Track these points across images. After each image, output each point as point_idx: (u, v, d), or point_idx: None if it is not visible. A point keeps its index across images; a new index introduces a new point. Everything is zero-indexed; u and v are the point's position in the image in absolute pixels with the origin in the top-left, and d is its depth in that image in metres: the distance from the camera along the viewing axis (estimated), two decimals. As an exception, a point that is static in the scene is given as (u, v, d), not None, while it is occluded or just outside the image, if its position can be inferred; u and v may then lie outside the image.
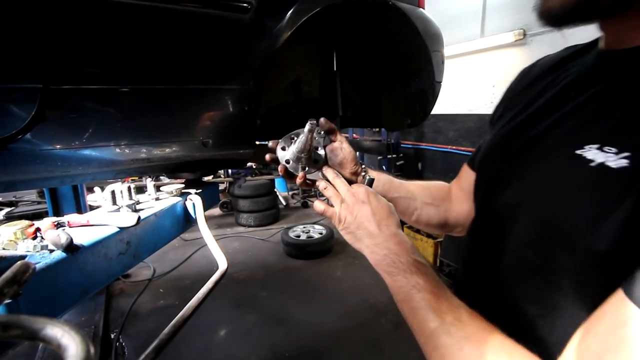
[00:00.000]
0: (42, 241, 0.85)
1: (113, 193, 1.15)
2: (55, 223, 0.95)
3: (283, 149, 0.70)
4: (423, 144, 4.57)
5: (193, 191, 1.45)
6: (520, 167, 0.51)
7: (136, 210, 1.19)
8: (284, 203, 5.57)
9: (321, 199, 0.65)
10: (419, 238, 3.43)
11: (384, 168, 4.53)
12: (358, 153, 5.16)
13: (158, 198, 1.35)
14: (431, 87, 1.65)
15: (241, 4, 1.06)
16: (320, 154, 0.69)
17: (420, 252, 0.56)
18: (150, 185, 1.35)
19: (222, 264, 1.18)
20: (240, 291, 3.09)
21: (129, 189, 1.20)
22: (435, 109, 1.74)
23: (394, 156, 4.46)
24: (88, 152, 0.97)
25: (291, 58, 1.60)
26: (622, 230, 0.34)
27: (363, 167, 0.70)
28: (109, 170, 1.07)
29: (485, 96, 3.44)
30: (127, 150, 1.02)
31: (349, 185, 0.63)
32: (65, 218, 1.00)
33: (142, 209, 1.22)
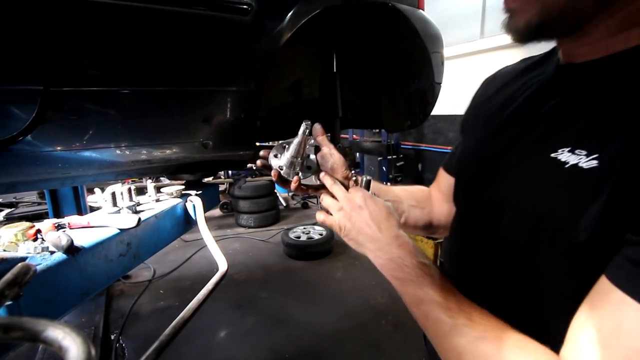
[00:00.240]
0: (43, 243, 0.85)
1: (113, 194, 1.15)
2: (55, 225, 0.95)
3: (276, 157, 0.70)
4: (423, 145, 4.57)
5: (193, 192, 1.45)
6: (500, 169, 0.55)
7: (136, 211, 1.19)
8: (284, 204, 5.57)
9: (322, 210, 0.66)
10: (419, 239, 3.43)
11: (384, 169, 4.54)
12: (358, 154, 5.17)
13: (158, 199, 1.36)
14: (431, 88, 1.65)
15: (241, 6, 1.06)
16: (312, 160, 0.70)
17: (423, 252, 0.56)
18: (150, 186, 1.35)
19: (222, 266, 1.18)
20: (240, 292, 3.09)
21: (130, 191, 1.20)
22: (435, 110, 1.75)
23: (394, 157, 4.46)
24: (88, 154, 0.97)
25: (291, 59, 1.60)
26: (598, 222, 0.38)
27: (353, 172, 0.71)
28: (110, 171, 1.07)
29: (485, 97, 3.43)
30: (128, 151, 1.02)
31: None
32: (65, 220, 1.01)
33: (143, 211, 1.22)
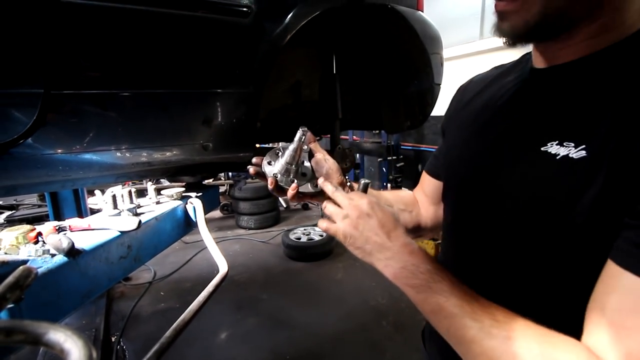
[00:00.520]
0: (44, 246, 0.85)
1: (114, 197, 1.15)
2: (56, 227, 0.95)
3: (269, 164, 0.68)
4: (423, 146, 4.57)
5: (193, 194, 1.45)
6: (491, 166, 0.57)
7: (137, 214, 1.20)
8: (285, 205, 5.57)
9: (324, 218, 0.64)
10: (419, 240, 3.43)
11: (384, 170, 4.53)
12: (358, 155, 5.17)
13: (159, 202, 1.36)
14: (430, 90, 1.66)
15: (241, 9, 1.07)
16: (307, 167, 0.68)
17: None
18: (150, 189, 1.35)
19: (223, 268, 1.19)
20: (240, 294, 3.09)
21: (130, 193, 1.20)
22: (435, 111, 1.75)
23: (394, 158, 4.45)
24: (89, 156, 0.98)
25: (291, 61, 1.61)
26: (595, 206, 0.42)
27: (347, 178, 0.70)
28: (110, 174, 1.08)
29: (484, 98, 3.43)
30: (128, 154, 1.03)
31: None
32: (66, 222, 1.01)
33: (143, 213, 1.22)
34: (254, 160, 0.69)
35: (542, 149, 0.48)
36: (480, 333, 0.45)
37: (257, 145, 1.55)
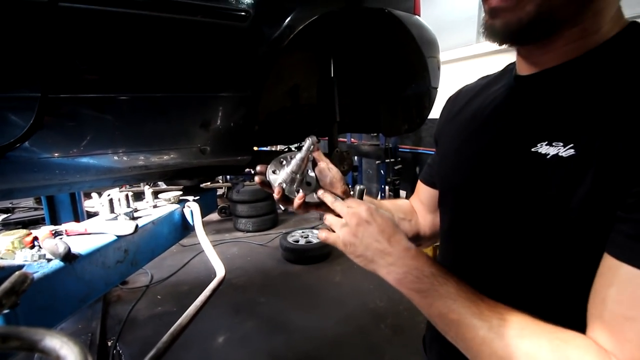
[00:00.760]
0: (40, 250, 0.85)
1: (111, 201, 1.15)
2: (53, 232, 0.95)
3: (274, 173, 0.67)
4: (421, 148, 4.59)
5: (191, 198, 1.45)
6: (484, 170, 0.58)
7: (134, 218, 1.19)
8: (282, 208, 5.57)
9: (324, 227, 0.63)
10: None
11: (382, 172, 4.54)
12: (356, 158, 5.18)
13: (156, 205, 1.36)
14: (427, 93, 1.66)
15: (239, 13, 1.07)
16: (311, 176, 0.67)
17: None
18: (148, 192, 1.35)
19: (220, 272, 1.18)
20: (238, 297, 3.08)
21: (127, 197, 1.20)
22: (432, 114, 1.75)
23: (392, 160, 4.47)
24: (86, 160, 0.97)
25: (289, 65, 1.61)
26: (587, 201, 0.43)
27: (350, 186, 0.70)
28: (107, 177, 1.07)
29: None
30: (125, 157, 1.02)
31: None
32: (62, 227, 1.01)
33: (140, 217, 1.22)
34: (259, 168, 0.68)
35: (533, 150, 0.50)
36: (489, 333, 0.45)
37: (255, 148, 1.55)
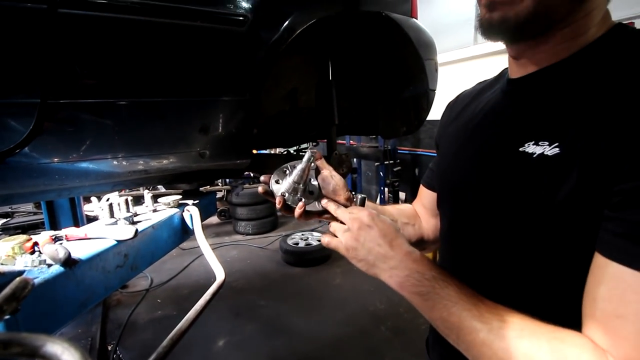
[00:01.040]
0: (40, 256, 0.85)
1: (110, 206, 1.15)
2: (53, 237, 0.95)
3: (277, 182, 0.68)
4: (420, 150, 4.60)
5: (190, 202, 1.45)
6: (477, 172, 0.60)
7: (133, 222, 1.19)
8: (282, 211, 5.56)
9: (328, 234, 0.64)
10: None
11: (382, 174, 4.55)
12: (355, 160, 5.18)
13: (155, 209, 1.36)
14: (425, 95, 1.67)
15: (237, 18, 1.08)
16: (314, 185, 0.68)
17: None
18: (147, 196, 1.35)
19: (220, 275, 1.18)
20: (238, 300, 3.07)
21: (127, 201, 1.20)
22: (431, 115, 1.76)
23: (391, 162, 4.47)
24: (85, 165, 0.97)
25: (287, 68, 1.62)
26: (572, 198, 0.45)
27: (354, 193, 0.71)
28: (107, 182, 1.07)
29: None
30: (125, 162, 1.02)
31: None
32: (62, 232, 1.01)
33: (140, 221, 1.22)
34: (262, 178, 0.70)
35: (520, 150, 0.51)
36: (489, 335, 0.45)
37: (254, 151, 1.55)
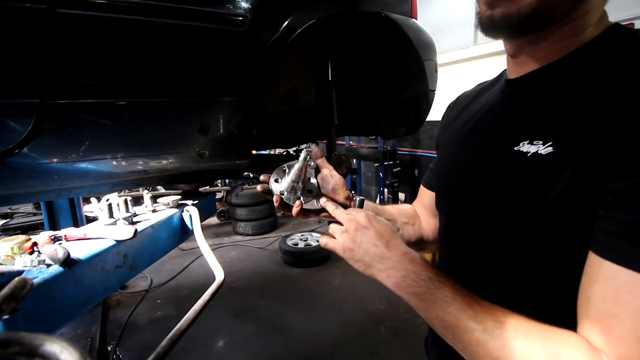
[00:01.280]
0: (40, 256, 0.85)
1: (110, 206, 1.15)
2: (52, 237, 0.95)
3: (276, 182, 0.69)
4: (419, 151, 4.60)
5: (190, 202, 1.45)
6: (474, 170, 0.62)
7: (133, 222, 1.19)
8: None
9: (326, 235, 0.65)
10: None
11: (381, 175, 4.55)
12: (355, 160, 5.18)
13: (155, 210, 1.36)
14: (425, 96, 1.67)
15: (236, 18, 1.08)
16: (313, 184, 0.69)
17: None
18: (147, 197, 1.35)
19: (219, 276, 1.18)
20: (238, 301, 3.07)
21: (126, 202, 1.20)
22: (430, 116, 1.76)
23: (391, 163, 4.47)
24: (85, 165, 0.97)
25: (287, 69, 1.62)
26: (565, 196, 0.45)
27: (353, 193, 0.72)
28: (106, 182, 1.07)
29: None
30: (124, 162, 1.02)
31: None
32: (62, 232, 1.01)
33: (139, 221, 1.22)
34: (262, 177, 0.71)
35: (515, 149, 0.52)
36: (484, 335, 0.46)
37: (254, 152, 1.55)
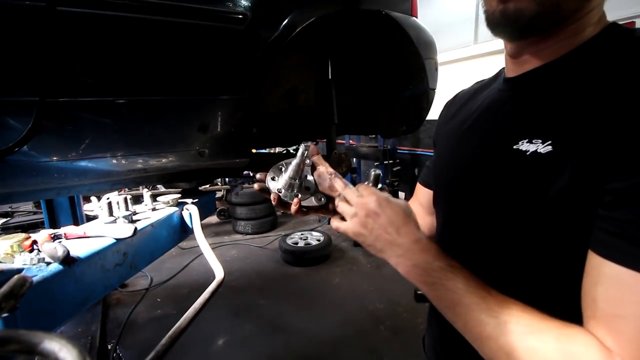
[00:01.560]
0: (39, 254, 0.85)
1: (110, 204, 1.15)
2: (52, 235, 0.95)
3: (273, 179, 0.68)
4: (419, 150, 4.60)
5: (189, 201, 1.45)
6: (472, 168, 0.61)
7: (133, 221, 1.19)
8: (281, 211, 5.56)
9: (337, 216, 0.64)
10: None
11: (381, 174, 4.55)
12: (355, 159, 5.18)
13: (155, 208, 1.36)
14: (425, 94, 1.67)
15: (236, 16, 1.07)
16: (310, 181, 0.68)
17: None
18: (146, 195, 1.35)
19: (219, 274, 1.18)
20: (237, 299, 3.07)
21: (126, 200, 1.20)
22: (430, 115, 1.76)
23: (391, 162, 4.48)
24: (84, 164, 0.97)
25: (286, 67, 1.61)
26: (564, 195, 0.45)
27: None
28: (106, 181, 1.07)
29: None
30: (124, 161, 1.02)
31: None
32: (62, 230, 1.01)
33: (139, 220, 1.22)
34: (258, 176, 0.70)
35: (514, 147, 0.52)
36: (496, 329, 0.45)
37: (254, 150, 1.55)
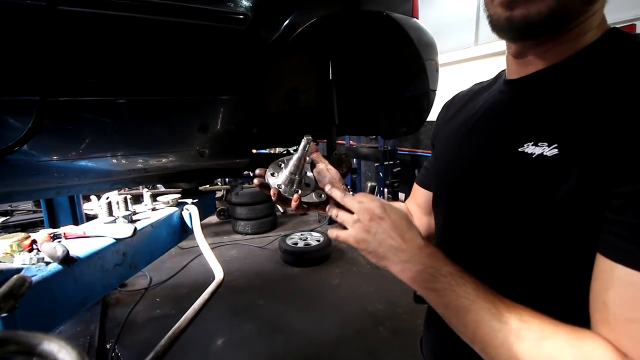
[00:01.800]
0: (39, 253, 0.85)
1: (109, 204, 1.15)
2: (51, 235, 0.95)
3: (273, 175, 0.67)
4: (419, 151, 4.60)
5: (189, 201, 1.45)
6: (474, 169, 0.61)
7: (132, 221, 1.19)
8: (282, 210, 5.56)
9: (335, 225, 0.62)
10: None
11: (381, 175, 4.55)
12: (355, 160, 5.18)
13: (154, 208, 1.36)
14: (426, 95, 1.67)
15: (237, 16, 1.07)
16: (310, 177, 0.68)
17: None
18: (146, 195, 1.35)
19: (218, 275, 1.18)
20: (237, 300, 3.07)
21: (125, 200, 1.20)
22: (431, 116, 1.76)
23: (391, 163, 4.48)
24: (85, 163, 0.97)
25: (287, 68, 1.61)
26: (571, 198, 0.45)
27: (349, 187, 0.70)
28: (106, 180, 1.07)
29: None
30: (124, 160, 1.02)
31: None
32: (61, 230, 1.01)
33: (139, 220, 1.22)
34: (257, 171, 0.69)
35: (520, 150, 0.51)
36: (509, 336, 0.43)
37: (254, 151, 1.55)
